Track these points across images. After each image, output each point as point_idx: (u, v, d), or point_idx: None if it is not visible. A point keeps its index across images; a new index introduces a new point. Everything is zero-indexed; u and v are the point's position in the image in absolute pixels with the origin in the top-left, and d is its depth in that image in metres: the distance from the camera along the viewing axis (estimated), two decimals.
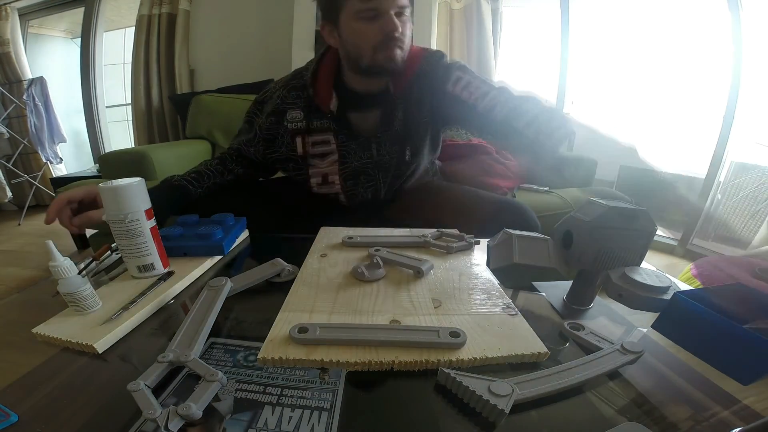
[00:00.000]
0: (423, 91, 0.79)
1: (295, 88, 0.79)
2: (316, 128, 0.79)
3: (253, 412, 0.32)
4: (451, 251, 0.63)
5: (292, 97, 0.79)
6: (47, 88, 2.64)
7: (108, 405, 0.33)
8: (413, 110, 0.79)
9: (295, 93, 0.79)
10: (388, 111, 0.79)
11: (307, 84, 0.78)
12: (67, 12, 2.78)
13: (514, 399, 0.31)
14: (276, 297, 0.48)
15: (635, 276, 0.42)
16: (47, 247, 0.42)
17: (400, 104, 0.79)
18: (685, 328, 0.38)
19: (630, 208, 0.45)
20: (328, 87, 0.78)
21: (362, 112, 0.80)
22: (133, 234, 0.51)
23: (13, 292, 1.07)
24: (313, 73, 0.78)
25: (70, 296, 0.43)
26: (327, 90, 0.77)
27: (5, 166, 2.63)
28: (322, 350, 0.37)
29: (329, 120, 0.79)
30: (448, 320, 0.43)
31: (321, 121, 0.79)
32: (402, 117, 0.80)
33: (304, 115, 0.79)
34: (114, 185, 0.50)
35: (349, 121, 0.80)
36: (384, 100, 0.79)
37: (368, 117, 0.81)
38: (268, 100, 0.83)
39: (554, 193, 1.39)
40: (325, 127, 0.79)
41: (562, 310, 0.51)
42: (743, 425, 0.32)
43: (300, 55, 1.96)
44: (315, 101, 0.78)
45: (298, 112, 0.79)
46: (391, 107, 0.79)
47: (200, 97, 1.94)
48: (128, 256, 0.53)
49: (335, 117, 0.79)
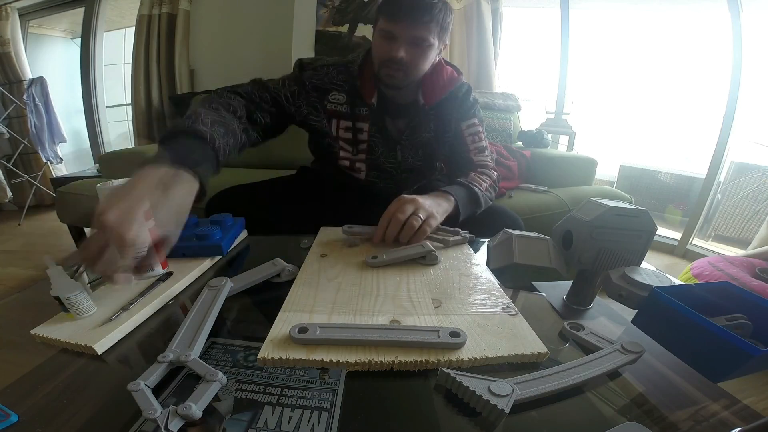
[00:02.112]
0: (451, 113, 0.87)
1: (344, 72, 0.84)
2: (358, 115, 0.84)
3: (253, 412, 0.32)
4: (448, 244, 0.64)
5: (340, 79, 0.83)
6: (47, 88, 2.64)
7: (108, 405, 0.33)
8: (442, 126, 0.88)
9: (344, 77, 0.83)
10: (416, 121, 0.86)
11: (355, 74, 0.83)
12: (68, 12, 2.78)
13: (514, 399, 0.31)
14: (276, 297, 0.48)
15: (635, 276, 0.42)
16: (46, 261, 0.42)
17: (432, 117, 0.86)
18: (661, 324, 0.38)
19: (630, 208, 0.45)
20: (371, 82, 0.83)
21: (393, 118, 0.88)
22: None
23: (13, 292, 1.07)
24: (360, 66, 0.83)
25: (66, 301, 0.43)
26: (370, 85, 0.83)
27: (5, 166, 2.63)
28: (322, 350, 0.37)
29: (368, 112, 0.84)
30: (448, 320, 0.43)
31: (362, 109, 0.84)
32: (433, 129, 0.87)
33: (346, 99, 0.83)
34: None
35: (385, 123, 0.87)
36: (413, 110, 0.86)
37: (397, 123, 0.88)
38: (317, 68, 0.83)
39: (553, 192, 1.39)
40: (364, 116, 0.84)
41: (562, 310, 0.51)
42: (743, 425, 0.32)
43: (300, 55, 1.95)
44: (360, 91, 0.83)
45: (342, 95, 0.83)
46: (419, 117, 0.86)
47: (200, 97, 1.94)
48: None
49: (373, 112, 0.84)
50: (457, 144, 0.89)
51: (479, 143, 0.88)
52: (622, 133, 2.59)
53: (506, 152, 1.60)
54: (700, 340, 0.34)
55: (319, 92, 0.83)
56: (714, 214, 2.02)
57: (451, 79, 0.86)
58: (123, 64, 3.04)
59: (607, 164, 2.39)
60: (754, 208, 1.89)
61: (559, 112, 2.19)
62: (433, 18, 0.71)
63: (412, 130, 0.86)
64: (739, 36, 1.72)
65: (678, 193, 2.29)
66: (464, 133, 0.88)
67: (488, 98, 1.83)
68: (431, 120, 0.87)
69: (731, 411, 0.34)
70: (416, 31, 0.72)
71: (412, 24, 0.71)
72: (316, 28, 1.97)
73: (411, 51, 0.74)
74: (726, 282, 0.41)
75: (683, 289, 0.40)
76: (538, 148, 1.75)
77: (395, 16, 0.71)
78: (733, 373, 0.32)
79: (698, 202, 1.95)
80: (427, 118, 0.86)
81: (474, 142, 0.88)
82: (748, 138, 1.86)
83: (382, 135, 0.86)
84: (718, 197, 1.98)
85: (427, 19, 0.71)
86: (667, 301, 0.37)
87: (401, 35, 0.72)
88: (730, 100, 1.76)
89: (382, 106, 0.85)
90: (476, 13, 2.04)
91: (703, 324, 0.34)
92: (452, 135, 0.89)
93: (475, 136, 0.88)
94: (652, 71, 2.39)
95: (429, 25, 0.72)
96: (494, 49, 2.10)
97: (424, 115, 0.86)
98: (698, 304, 0.37)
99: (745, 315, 0.38)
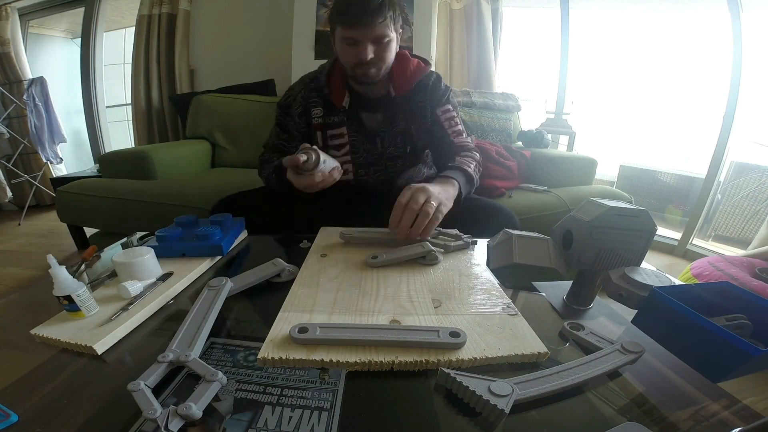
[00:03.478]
0: (424, 102, 0.92)
1: (314, 89, 0.91)
2: (333, 123, 0.90)
3: (253, 412, 0.32)
4: (449, 250, 0.64)
5: (313, 96, 0.91)
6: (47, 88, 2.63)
7: (108, 405, 0.33)
8: (415, 115, 0.92)
9: (315, 93, 0.91)
10: (390, 112, 0.91)
11: (323, 84, 0.89)
12: (67, 12, 2.77)
13: (514, 399, 0.31)
14: (276, 297, 0.48)
15: (635, 276, 0.42)
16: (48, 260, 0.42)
17: (402, 107, 0.91)
18: (661, 323, 0.38)
19: (630, 208, 0.45)
20: (341, 86, 0.89)
21: (370, 112, 0.92)
22: None
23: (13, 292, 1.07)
24: (327, 74, 0.90)
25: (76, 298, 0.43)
26: (340, 89, 0.89)
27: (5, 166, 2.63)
28: (322, 350, 0.37)
29: (343, 115, 0.90)
30: (448, 320, 0.43)
31: (336, 116, 0.90)
32: (404, 118, 0.91)
33: (323, 111, 0.90)
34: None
35: (361, 119, 0.91)
36: (386, 102, 0.91)
37: (375, 116, 0.92)
38: (292, 104, 0.93)
39: (553, 192, 1.39)
40: (339, 122, 0.90)
41: (562, 310, 0.51)
42: (743, 425, 0.32)
43: (300, 55, 1.96)
44: (330, 99, 0.89)
45: (319, 109, 0.91)
46: (393, 108, 0.91)
47: (200, 97, 1.94)
48: None
49: (347, 113, 0.90)
50: (436, 130, 0.93)
51: (456, 127, 0.93)
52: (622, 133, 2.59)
53: (506, 152, 1.60)
54: (700, 340, 0.34)
55: (306, 116, 0.92)
56: (714, 214, 2.02)
57: (419, 69, 0.90)
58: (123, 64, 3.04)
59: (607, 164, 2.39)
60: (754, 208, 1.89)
61: (559, 112, 2.19)
62: (386, 15, 0.75)
63: (389, 120, 0.91)
64: (739, 36, 1.71)
65: (678, 193, 2.29)
66: (440, 118, 0.93)
67: (488, 98, 1.83)
68: (405, 110, 0.91)
69: (731, 411, 0.34)
70: (375, 32, 0.76)
71: (369, 27, 0.75)
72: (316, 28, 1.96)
73: (376, 49, 0.79)
74: (726, 282, 0.41)
75: (683, 289, 0.40)
76: (538, 148, 1.75)
77: (352, 23, 0.76)
78: (733, 373, 0.32)
79: (698, 202, 1.95)
80: (400, 108, 0.91)
81: (451, 127, 0.93)
82: (748, 138, 1.86)
83: (360, 131, 0.91)
84: (718, 197, 1.98)
85: (380, 19, 0.75)
86: (667, 301, 0.37)
87: (362, 38, 0.77)
88: (730, 100, 1.76)
89: (356, 104, 0.90)
90: (476, 13, 2.04)
91: (703, 324, 0.34)
92: (430, 122, 0.93)
93: (451, 120, 0.93)
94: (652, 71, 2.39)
95: (384, 22, 0.76)
96: (494, 49, 2.10)
97: (395, 105, 0.90)
98: (698, 304, 0.37)
99: (745, 315, 0.38)
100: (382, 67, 0.82)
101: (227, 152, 1.89)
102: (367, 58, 0.78)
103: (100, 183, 1.46)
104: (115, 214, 1.37)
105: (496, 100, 1.84)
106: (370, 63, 0.79)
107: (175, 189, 1.36)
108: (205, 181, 1.52)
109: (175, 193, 1.34)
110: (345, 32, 0.77)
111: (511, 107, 1.87)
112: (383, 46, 0.79)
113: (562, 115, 2.17)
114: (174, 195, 1.33)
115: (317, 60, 1.99)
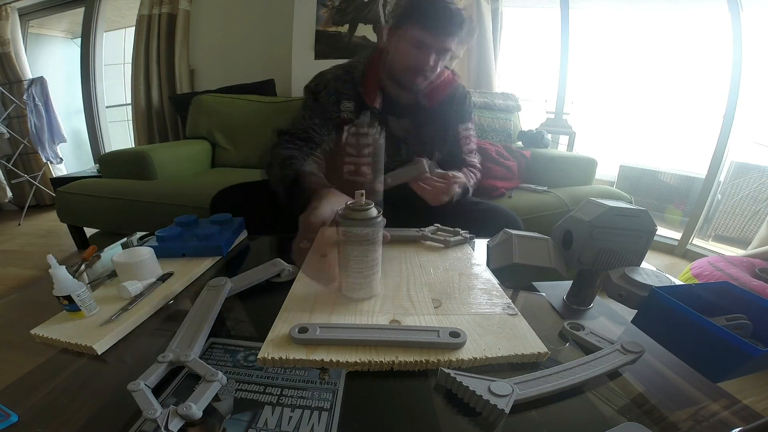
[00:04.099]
0: (449, 114, 0.92)
1: (347, 82, 0.87)
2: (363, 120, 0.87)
3: (253, 412, 0.32)
4: (449, 245, 0.64)
5: (346, 88, 0.87)
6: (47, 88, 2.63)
7: (108, 405, 0.33)
8: (443, 126, 0.92)
9: (349, 86, 0.87)
10: (418, 120, 0.90)
11: (358, 81, 0.87)
12: (67, 12, 2.77)
13: (514, 399, 0.31)
14: (276, 297, 0.48)
15: (635, 276, 0.42)
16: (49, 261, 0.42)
17: (432, 118, 0.91)
18: (661, 323, 0.38)
19: (630, 208, 0.45)
20: (375, 87, 0.87)
21: (397, 117, 0.91)
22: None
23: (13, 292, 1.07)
24: (362, 72, 0.87)
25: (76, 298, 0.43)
26: (374, 90, 0.87)
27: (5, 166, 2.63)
28: (322, 350, 0.37)
29: (374, 116, 0.86)
30: (448, 320, 0.43)
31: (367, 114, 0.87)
32: (430, 129, 0.91)
33: (354, 106, 0.87)
34: None
35: (388, 123, 0.90)
36: (415, 110, 0.90)
37: (401, 122, 0.91)
38: (323, 90, 0.88)
39: (553, 192, 1.39)
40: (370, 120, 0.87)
41: (562, 310, 0.51)
42: (743, 425, 0.32)
43: (300, 55, 1.96)
44: (364, 98, 0.87)
45: (351, 103, 0.87)
46: (421, 118, 0.90)
47: (200, 97, 1.94)
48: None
49: (378, 115, 0.87)
50: (454, 145, 0.95)
51: (469, 145, 0.96)
52: (622, 133, 2.59)
53: (506, 152, 1.60)
54: (700, 340, 0.34)
55: (336, 106, 0.87)
56: (714, 214, 2.02)
57: (450, 81, 0.90)
58: (123, 64, 3.04)
59: (607, 164, 2.39)
60: (754, 208, 1.88)
61: (559, 112, 2.19)
62: (462, 31, 0.76)
63: (416, 129, 0.90)
64: (739, 36, 1.71)
65: (678, 193, 2.29)
66: (461, 135, 0.94)
67: (488, 98, 1.83)
68: (431, 120, 0.91)
69: (731, 411, 0.34)
70: (447, 43, 0.76)
71: (445, 36, 0.75)
72: (316, 28, 1.96)
73: (436, 59, 0.78)
74: (726, 282, 0.41)
75: (683, 289, 0.40)
76: (538, 148, 1.75)
77: (431, 27, 0.74)
78: (733, 373, 0.32)
79: (698, 202, 1.95)
80: (428, 118, 0.90)
81: (466, 144, 0.95)
82: (748, 138, 1.86)
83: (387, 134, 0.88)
84: (718, 197, 1.98)
85: (457, 32, 0.75)
86: (667, 301, 0.37)
87: (434, 45, 0.76)
88: (730, 100, 1.76)
89: (386, 107, 0.88)
90: (476, 13, 2.04)
91: (703, 324, 0.34)
92: (452, 135, 0.94)
93: (467, 138, 0.96)
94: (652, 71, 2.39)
95: (458, 37, 0.76)
96: (494, 49, 2.10)
97: (423, 114, 0.89)
98: (698, 304, 0.37)
99: (745, 315, 0.38)
100: (432, 77, 0.82)
101: (227, 152, 1.89)
102: (430, 65, 0.77)
103: (100, 183, 1.46)
104: (115, 214, 1.37)
105: (496, 100, 1.84)
106: (426, 70, 0.79)
107: (175, 189, 1.36)
108: (205, 181, 1.52)
109: (175, 193, 1.34)
110: (420, 34, 0.75)
111: (511, 107, 1.87)
112: (443, 59, 0.79)
113: (562, 115, 2.17)
114: (174, 195, 1.32)
115: (317, 60, 1.99)
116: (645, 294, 0.40)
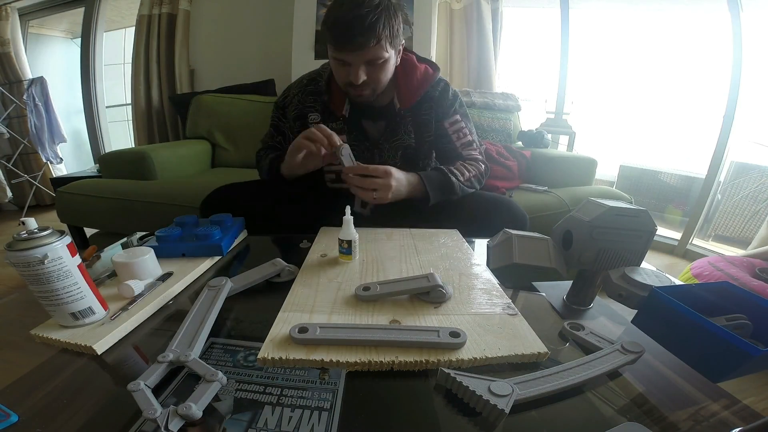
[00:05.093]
0: (429, 114, 0.87)
1: (311, 93, 0.86)
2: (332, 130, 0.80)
3: (253, 412, 0.32)
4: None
5: (310, 101, 0.86)
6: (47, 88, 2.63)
7: (108, 405, 0.33)
8: (419, 129, 0.87)
9: (313, 97, 0.86)
10: (393, 123, 0.86)
11: (323, 90, 0.85)
12: (67, 12, 2.77)
13: (514, 399, 0.31)
14: (276, 297, 0.48)
15: (635, 276, 0.42)
16: None
17: (408, 119, 0.86)
18: (661, 323, 0.38)
19: (630, 208, 0.45)
20: (341, 94, 0.84)
21: (372, 120, 0.88)
22: (57, 277, 0.40)
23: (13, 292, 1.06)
24: (327, 81, 0.85)
25: None
26: (340, 97, 0.84)
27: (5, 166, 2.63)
28: (322, 350, 0.37)
29: (342, 123, 0.85)
30: (448, 320, 0.43)
31: (335, 123, 0.85)
32: (412, 131, 0.87)
33: (321, 118, 0.85)
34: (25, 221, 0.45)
35: (362, 127, 0.87)
36: (389, 113, 0.86)
37: (377, 126, 0.88)
38: (289, 105, 0.89)
39: (553, 192, 1.39)
40: (338, 129, 0.84)
41: (562, 310, 0.51)
42: (743, 425, 0.32)
43: (300, 55, 1.96)
44: (330, 106, 0.85)
45: (316, 114, 0.86)
46: (396, 120, 0.86)
47: (200, 97, 1.94)
48: (53, 303, 0.41)
49: (347, 121, 0.85)
50: (444, 142, 0.89)
51: (465, 138, 0.89)
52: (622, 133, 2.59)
53: (506, 152, 1.60)
54: (700, 340, 0.34)
55: (301, 120, 0.87)
56: (714, 214, 2.02)
57: (425, 78, 0.85)
58: (123, 64, 3.03)
59: (607, 164, 2.39)
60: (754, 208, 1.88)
61: (559, 112, 2.19)
62: (379, 36, 0.68)
63: (391, 132, 0.86)
64: (739, 36, 1.71)
65: (678, 193, 2.29)
66: (448, 131, 0.88)
67: (488, 98, 1.83)
68: (409, 123, 0.86)
69: (731, 411, 0.34)
70: (368, 55, 0.70)
71: (361, 51, 0.69)
72: (316, 28, 1.96)
73: (369, 70, 0.73)
74: (726, 282, 0.41)
75: (683, 289, 0.40)
76: (538, 148, 1.75)
77: (343, 46, 0.69)
78: (733, 373, 0.32)
79: (698, 202, 1.95)
80: (404, 121, 0.86)
81: (459, 138, 0.89)
82: (748, 138, 1.86)
83: (360, 140, 0.86)
84: (718, 197, 1.98)
85: (373, 42, 0.68)
86: (667, 301, 0.37)
87: (355, 61, 0.71)
88: (730, 100, 1.76)
89: (357, 112, 0.85)
90: (476, 13, 2.04)
91: (703, 324, 0.34)
92: (435, 136, 0.88)
93: (460, 132, 0.89)
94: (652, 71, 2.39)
95: (379, 44, 0.69)
96: (494, 49, 2.10)
97: (400, 118, 0.85)
98: (698, 304, 0.37)
99: (745, 315, 0.38)
100: (378, 88, 0.78)
101: (227, 152, 1.89)
102: (359, 82, 0.72)
103: (100, 183, 1.46)
104: (115, 214, 1.37)
105: (496, 100, 1.84)
106: (363, 85, 0.74)
107: (175, 189, 1.36)
108: (205, 181, 1.52)
109: (175, 193, 1.33)
110: (336, 54, 0.71)
111: (511, 107, 1.87)
112: (377, 67, 0.73)
113: (562, 115, 2.17)
114: (174, 195, 1.32)
115: (317, 60, 1.98)
116: (645, 294, 0.40)
